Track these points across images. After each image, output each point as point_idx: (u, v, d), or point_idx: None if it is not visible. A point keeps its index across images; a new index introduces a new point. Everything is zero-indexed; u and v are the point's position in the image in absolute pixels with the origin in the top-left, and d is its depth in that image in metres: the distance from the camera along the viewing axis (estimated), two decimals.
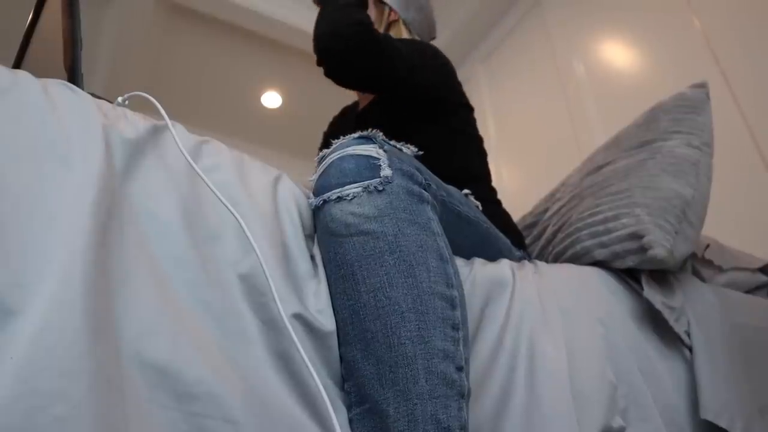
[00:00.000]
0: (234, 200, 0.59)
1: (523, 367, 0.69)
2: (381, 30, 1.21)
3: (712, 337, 0.88)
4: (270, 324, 0.53)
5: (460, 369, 0.57)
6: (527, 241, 1.26)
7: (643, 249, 0.91)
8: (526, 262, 0.89)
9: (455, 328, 0.59)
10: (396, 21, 1.23)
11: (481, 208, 0.98)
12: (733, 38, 1.88)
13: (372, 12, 1.21)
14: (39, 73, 0.58)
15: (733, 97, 1.81)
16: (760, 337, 0.97)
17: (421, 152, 0.76)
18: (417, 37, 1.24)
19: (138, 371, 0.44)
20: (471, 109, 1.15)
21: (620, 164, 1.08)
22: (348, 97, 1.33)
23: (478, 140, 1.14)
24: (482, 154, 1.14)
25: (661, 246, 0.90)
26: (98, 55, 2.94)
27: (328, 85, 1.29)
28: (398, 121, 1.03)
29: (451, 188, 0.82)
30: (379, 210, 0.61)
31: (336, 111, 1.37)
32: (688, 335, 0.88)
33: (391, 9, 1.23)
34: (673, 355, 0.86)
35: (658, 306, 0.86)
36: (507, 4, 3.00)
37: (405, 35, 1.22)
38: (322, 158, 0.67)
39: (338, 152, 0.65)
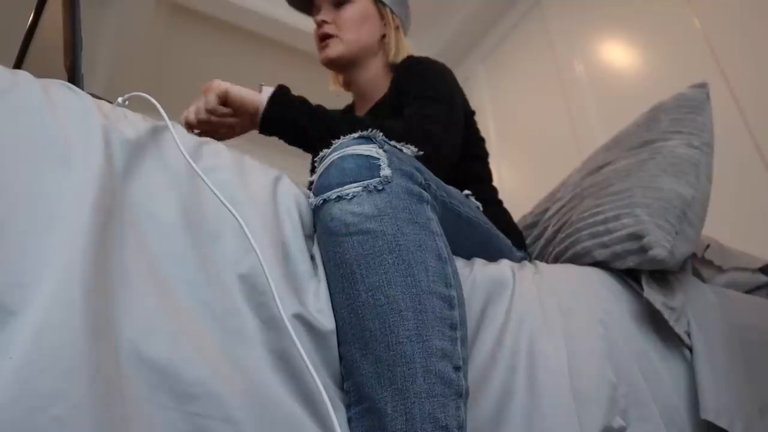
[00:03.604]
0: (234, 200, 0.59)
1: (524, 367, 0.68)
2: (392, 38, 1.16)
3: (713, 337, 0.88)
4: (270, 324, 0.53)
5: (458, 368, 0.57)
6: (528, 241, 1.26)
7: (644, 249, 0.91)
8: (526, 262, 0.89)
9: (453, 327, 0.59)
10: (398, 26, 1.18)
11: (481, 208, 0.98)
12: (733, 38, 1.87)
13: (375, 23, 1.16)
14: (39, 73, 0.58)
15: (733, 97, 1.81)
16: (760, 338, 0.96)
17: (421, 152, 0.76)
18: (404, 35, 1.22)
19: (137, 371, 0.44)
20: (472, 114, 1.14)
21: (621, 164, 1.08)
22: (345, 98, 1.32)
23: (480, 142, 1.14)
24: (484, 156, 1.14)
25: (662, 246, 0.90)
26: (98, 55, 2.94)
27: (326, 85, 1.29)
28: None
29: (452, 189, 0.82)
30: (378, 209, 0.61)
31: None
32: (689, 335, 0.88)
33: (392, 12, 1.18)
34: (673, 355, 0.86)
35: (659, 306, 0.86)
36: (507, 4, 2.99)
37: (405, 40, 1.20)
38: (322, 158, 0.67)
39: (338, 152, 0.65)
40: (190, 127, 0.93)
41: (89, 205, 0.47)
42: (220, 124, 0.92)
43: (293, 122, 0.90)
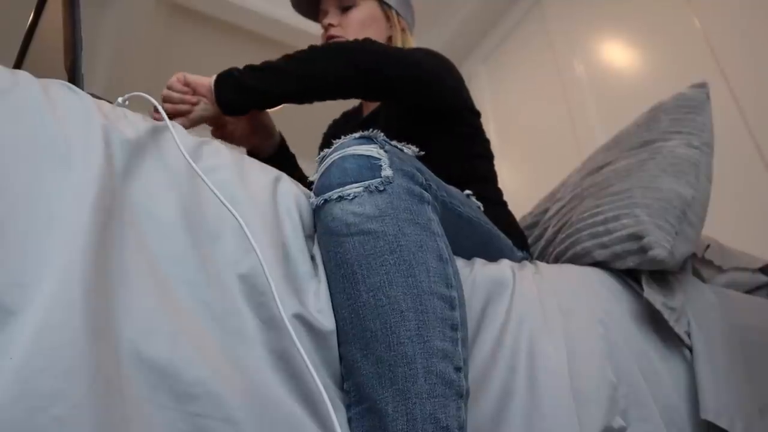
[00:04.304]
0: (234, 200, 0.59)
1: (524, 367, 0.68)
2: (399, 40, 1.17)
3: (713, 337, 0.88)
4: (270, 324, 0.53)
5: (458, 369, 0.57)
6: (528, 241, 1.26)
7: (644, 250, 0.91)
8: (526, 262, 0.89)
9: (454, 328, 0.59)
10: (404, 28, 1.19)
11: (482, 208, 0.97)
12: (733, 38, 1.87)
13: (381, 25, 1.16)
14: (39, 73, 0.58)
15: (733, 97, 1.81)
16: (760, 338, 0.96)
17: (422, 153, 0.76)
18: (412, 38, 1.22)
19: (137, 371, 0.44)
20: (478, 115, 1.14)
21: (621, 164, 1.08)
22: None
23: (485, 143, 1.14)
24: (488, 157, 1.13)
25: (662, 247, 0.90)
26: (98, 55, 2.94)
27: None
28: (405, 128, 1.02)
29: (452, 189, 0.82)
30: (380, 210, 0.61)
31: (334, 110, 1.37)
32: (689, 335, 0.88)
33: (398, 15, 1.18)
34: (673, 355, 0.86)
35: (659, 306, 0.86)
36: (507, 4, 2.99)
37: (412, 42, 1.20)
38: (323, 158, 0.67)
39: (339, 152, 0.65)
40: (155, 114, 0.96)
41: (89, 205, 0.47)
42: (181, 100, 0.95)
43: (240, 84, 0.93)
